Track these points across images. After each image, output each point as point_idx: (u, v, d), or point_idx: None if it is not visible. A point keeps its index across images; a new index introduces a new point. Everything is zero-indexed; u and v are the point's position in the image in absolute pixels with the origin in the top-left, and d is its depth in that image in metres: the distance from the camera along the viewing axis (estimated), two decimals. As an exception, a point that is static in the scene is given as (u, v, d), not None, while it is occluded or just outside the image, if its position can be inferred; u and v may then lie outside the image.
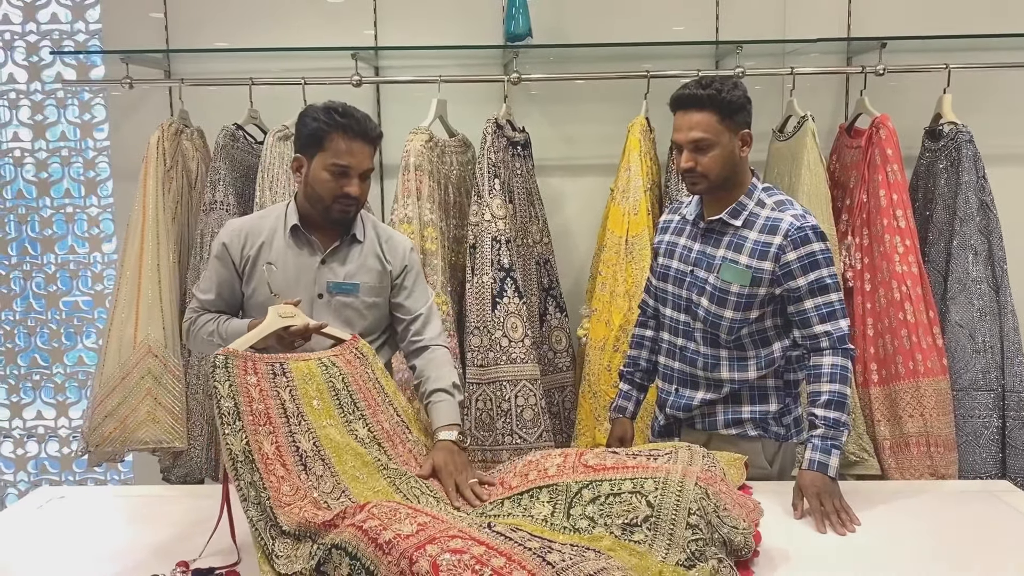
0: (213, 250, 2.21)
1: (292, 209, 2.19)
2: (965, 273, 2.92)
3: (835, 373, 2.03)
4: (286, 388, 1.86)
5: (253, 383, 1.81)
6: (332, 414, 1.90)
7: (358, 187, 2.11)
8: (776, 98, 3.30)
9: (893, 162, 2.90)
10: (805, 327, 2.08)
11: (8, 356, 3.72)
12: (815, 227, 2.07)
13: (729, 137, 2.07)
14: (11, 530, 1.96)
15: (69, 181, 3.63)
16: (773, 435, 2.18)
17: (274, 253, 2.16)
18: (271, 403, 1.81)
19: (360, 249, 2.22)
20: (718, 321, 2.13)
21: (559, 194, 3.45)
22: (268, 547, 1.60)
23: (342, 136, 2.07)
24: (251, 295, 2.18)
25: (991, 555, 1.76)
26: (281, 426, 1.79)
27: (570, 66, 3.35)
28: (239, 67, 3.23)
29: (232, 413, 1.74)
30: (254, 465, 1.70)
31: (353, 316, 2.19)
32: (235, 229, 2.20)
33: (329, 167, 2.08)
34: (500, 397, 2.88)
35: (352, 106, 2.13)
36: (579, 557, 1.43)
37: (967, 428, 2.90)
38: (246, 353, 1.85)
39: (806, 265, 2.04)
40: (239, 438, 1.72)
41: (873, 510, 1.97)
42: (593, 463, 1.78)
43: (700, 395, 2.21)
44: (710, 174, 2.07)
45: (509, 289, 2.92)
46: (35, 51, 3.56)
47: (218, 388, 1.76)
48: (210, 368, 1.78)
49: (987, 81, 3.24)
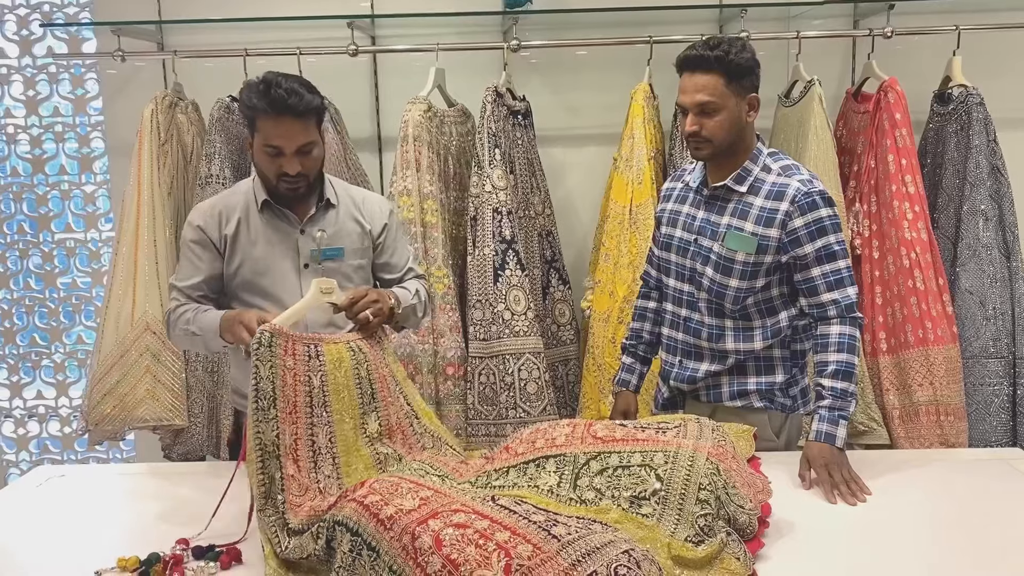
0: (186, 236, 2.13)
1: (259, 185, 2.14)
2: (975, 239, 2.87)
3: (842, 343, 1.99)
4: (318, 373, 1.81)
5: (290, 366, 1.77)
6: (353, 407, 1.86)
7: (297, 164, 2.02)
8: (782, 63, 3.23)
9: (901, 126, 2.84)
10: (812, 295, 2.03)
11: (7, 336, 3.69)
12: (822, 192, 2.01)
13: (736, 101, 2.01)
14: (11, 508, 1.95)
15: (64, 158, 3.58)
16: (779, 406, 2.14)
17: (252, 229, 2.12)
18: (300, 390, 1.77)
19: (336, 213, 2.18)
20: (723, 291, 2.09)
21: (561, 164, 3.39)
22: (280, 543, 1.58)
23: (268, 116, 1.97)
24: (234, 273, 2.13)
25: (1004, 523, 1.73)
26: (304, 416, 1.76)
27: (571, 33, 3.28)
28: (233, 38, 3.17)
29: (268, 398, 1.72)
30: (279, 461, 1.68)
31: (342, 281, 2.14)
32: (206, 211, 2.14)
33: (264, 148, 2.02)
34: (503, 371, 2.85)
35: (283, 78, 2.00)
36: (585, 530, 1.40)
37: (977, 396, 2.87)
38: (288, 332, 1.81)
39: (813, 232, 1.99)
40: (271, 427, 1.70)
41: (883, 479, 1.94)
42: (602, 434, 1.75)
43: (704, 367, 2.17)
44: (715, 138, 2.02)
45: (511, 261, 2.88)
46: (25, 25, 3.49)
47: (259, 368, 1.72)
48: (254, 345, 1.74)
49: (998, 43, 3.16)
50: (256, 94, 1.97)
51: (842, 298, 2.01)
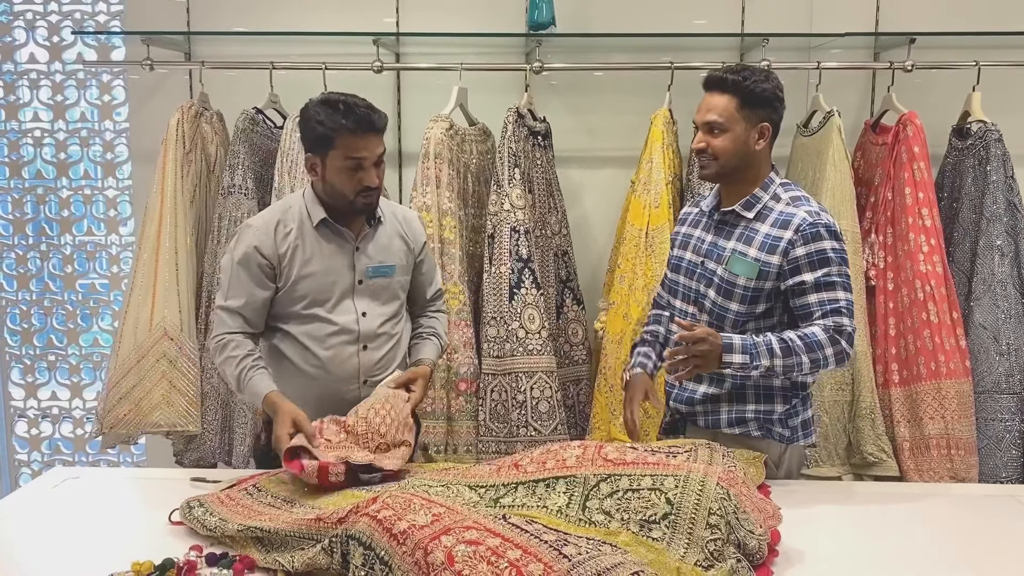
0: (237, 256, 2.15)
1: (312, 202, 2.18)
2: (990, 274, 2.87)
3: (809, 336, 1.95)
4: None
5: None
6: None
7: (375, 176, 2.13)
8: (801, 92, 3.25)
9: (919, 160, 2.86)
10: (806, 320, 2.01)
11: (24, 336, 3.72)
12: (829, 225, 2.02)
13: (745, 127, 2.05)
14: (26, 509, 1.97)
15: (87, 162, 3.63)
16: (778, 436, 2.12)
17: (308, 246, 2.16)
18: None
19: (385, 230, 2.26)
20: (724, 313, 2.09)
21: (578, 185, 3.42)
22: (292, 562, 1.61)
23: (352, 134, 2.08)
24: (289, 289, 2.16)
25: (1012, 559, 1.73)
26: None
27: (593, 56, 3.31)
28: (260, 51, 3.22)
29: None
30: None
31: (389, 297, 2.26)
32: (260, 229, 2.16)
33: (344, 163, 2.09)
34: (516, 388, 2.86)
35: (352, 98, 2.12)
36: (595, 551, 1.42)
37: (989, 431, 2.87)
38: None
39: (815, 261, 1.99)
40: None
41: (892, 512, 1.95)
42: (613, 457, 1.76)
43: (703, 388, 2.15)
44: (719, 158, 2.06)
45: (527, 280, 2.90)
46: (56, 32, 3.55)
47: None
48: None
49: (1017, 79, 3.17)
50: (338, 114, 2.07)
51: (834, 324, 1.97)
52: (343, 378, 2.21)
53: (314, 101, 2.13)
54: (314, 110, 2.11)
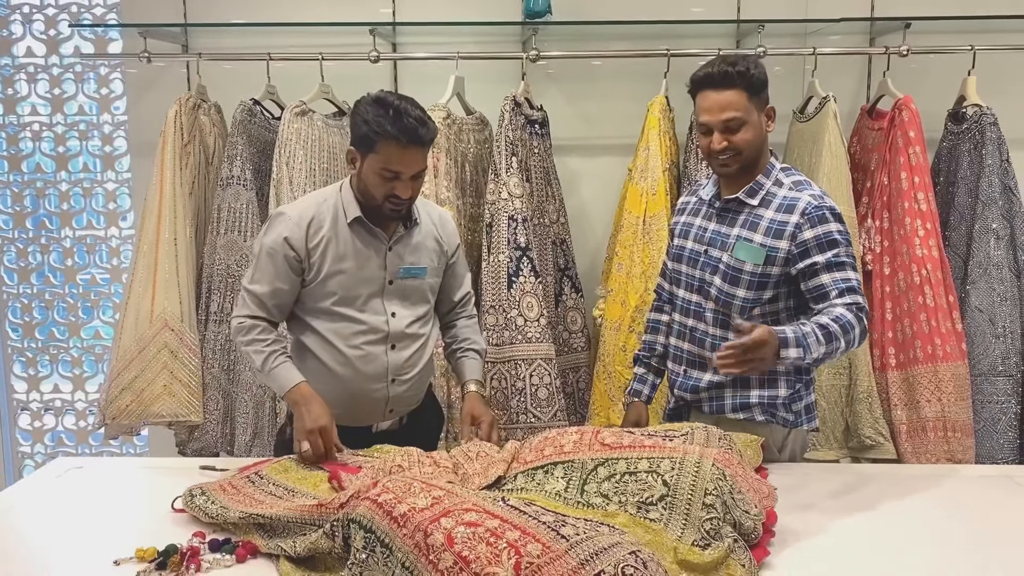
0: (268, 244, 2.11)
1: (349, 198, 2.14)
2: (986, 257, 2.89)
3: (841, 318, 1.90)
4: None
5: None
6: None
7: (410, 188, 2.05)
8: (797, 79, 3.27)
9: (915, 144, 2.87)
10: (823, 301, 1.99)
11: (26, 329, 3.74)
12: (832, 208, 2.03)
13: (758, 115, 2.05)
14: (31, 498, 1.99)
15: (87, 155, 3.64)
16: (781, 421, 2.13)
17: (341, 243, 2.12)
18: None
19: (419, 232, 2.22)
20: (730, 301, 2.10)
21: (576, 173, 3.43)
22: (295, 547, 1.61)
23: (396, 144, 1.98)
24: (318, 285, 2.13)
25: (1009, 540, 1.75)
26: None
27: (589, 44, 3.32)
28: (257, 42, 3.22)
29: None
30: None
31: (419, 298, 2.23)
32: (293, 220, 2.11)
33: (380, 171, 2.02)
34: (515, 376, 2.88)
35: (405, 103, 2.00)
36: (593, 531, 1.43)
37: (985, 414, 2.89)
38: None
39: (823, 243, 2.00)
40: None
41: (889, 494, 1.95)
42: (610, 441, 1.78)
43: (708, 377, 2.17)
44: (743, 152, 2.04)
45: (525, 268, 2.92)
46: (53, 25, 3.56)
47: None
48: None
49: (1013, 63, 3.18)
50: (387, 120, 1.96)
51: (852, 301, 1.96)
52: (371, 376, 2.18)
53: (368, 97, 2.04)
54: (365, 107, 2.02)
